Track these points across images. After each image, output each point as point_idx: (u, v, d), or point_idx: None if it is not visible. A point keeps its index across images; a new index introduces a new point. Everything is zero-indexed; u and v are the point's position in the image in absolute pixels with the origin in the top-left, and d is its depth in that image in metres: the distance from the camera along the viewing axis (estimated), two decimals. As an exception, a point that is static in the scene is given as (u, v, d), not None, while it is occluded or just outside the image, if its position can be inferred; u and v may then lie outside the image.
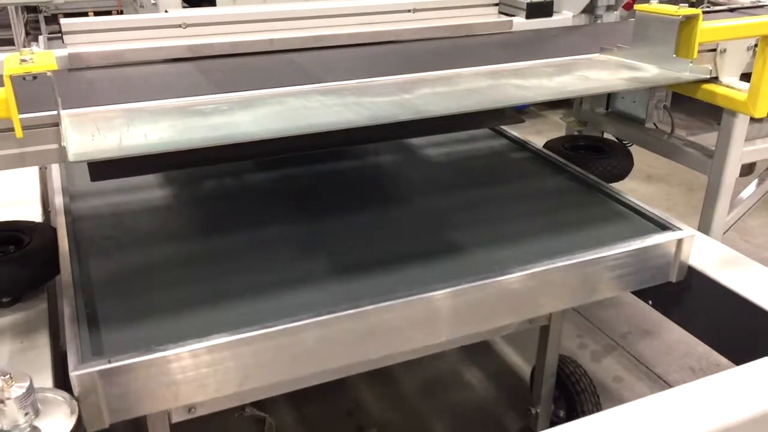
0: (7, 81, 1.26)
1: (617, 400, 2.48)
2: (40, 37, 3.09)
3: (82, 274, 1.70)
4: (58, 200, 2.06)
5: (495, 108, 1.77)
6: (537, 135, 2.71)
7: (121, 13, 8.08)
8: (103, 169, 1.83)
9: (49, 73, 1.28)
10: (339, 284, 1.70)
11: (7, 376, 1.24)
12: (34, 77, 1.28)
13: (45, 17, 8.25)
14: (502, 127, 2.66)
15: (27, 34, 8.06)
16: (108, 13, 8.22)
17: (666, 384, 2.93)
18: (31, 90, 1.33)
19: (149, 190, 2.21)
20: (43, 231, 1.89)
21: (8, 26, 7.13)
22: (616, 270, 1.81)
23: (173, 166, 1.98)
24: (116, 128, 1.43)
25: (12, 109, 1.28)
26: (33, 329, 1.73)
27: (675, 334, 3.11)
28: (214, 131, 1.43)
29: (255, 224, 2.00)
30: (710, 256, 1.95)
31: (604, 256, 1.78)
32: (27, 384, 1.25)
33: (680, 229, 1.90)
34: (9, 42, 7.21)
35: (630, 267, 1.82)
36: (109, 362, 1.31)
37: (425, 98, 1.68)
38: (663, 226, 1.94)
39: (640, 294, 2.04)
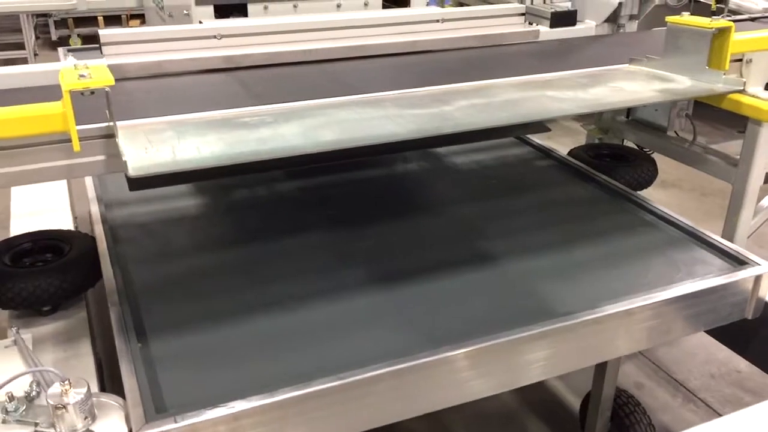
0: (66, 96, 1.28)
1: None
2: (60, 50, 3.10)
3: (126, 283, 1.72)
4: (94, 209, 2.08)
5: (534, 120, 1.78)
6: (547, 140, 2.70)
7: (132, 18, 8.11)
8: (141, 178, 1.84)
9: (107, 89, 1.30)
10: (379, 292, 1.72)
11: (66, 382, 1.27)
12: (92, 92, 1.29)
13: (54, 21, 8.29)
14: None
15: (36, 38, 8.10)
16: (118, 18, 8.26)
17: (687, 391, 2.94)
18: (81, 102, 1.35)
19: (180, 198, 2.23)
20: (82, 240, 1.91)
21: (19, 30, 7.16)
22: (693, 308, 1.72)
23: (209, 175, 2.00)
24: (167, 141, 1.45)
25: (71, 123, 1.30)
26: (75, 337, 1.74)
27: (694, 339, 3.13)
28: (263, 144, 1.44)
29: (287, 232, 2.02)
30: None
31: (682, 295, 1.68)
32: (85, 390, 1.28)
33: (758, 264, 1.81)
34: (20, 46, 7.25)
35: (707, 305, 1.74)
36: (175, 422, 1.25)
37: (464, 110, 1.70)
38: (740, 261, 1.84)
39: (708, 330, 1.93)
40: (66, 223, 2.19)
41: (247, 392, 1.31)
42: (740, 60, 2.37)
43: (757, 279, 1.76)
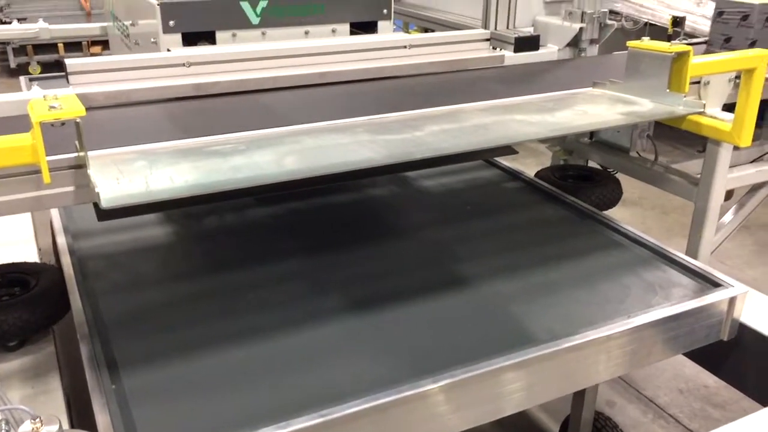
0: (36, 128, 1.26)
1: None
2: (22, 79, 3.06)
3: (96, 316, 1.68)
4: (61, 240, 2.04)
5: (505, 144, 1.81)
6: (513, 161, 2.74)
7: (93, 44, 8.01)
8: (111, 209, 1.81)
9: (78, 119, 1.29)
10: (352, 318, 1.72)
11: (38, 420, 1.23)
12: (62, 123, 1.28)
13: (13, 48, 8.15)
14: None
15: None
16: (78, 44, 8.12)
17: (657, 407, 2.99)
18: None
19: (150, 227, 2.20)
20: (49, 272, 1.87)
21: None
22: (672, 332, 1.72)
23: (180, 203, 1.98)
24: (139, 171, 1.43)
25: (41, 154, 1.27)
26: (43, 373, 1.70)
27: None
28: (237, 173, 1.43)
29: (259, 260, 2.00)
30: (761, 312, 1.87)
31: (661, 319, 1.68)
32: (56, 427, 1.26)
33: (732, 285, 1.83)
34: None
35: (685, 328, 1.74)
36: None
37: (435, 135, 1.72)
38: (713, 282, 1.86)
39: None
40: (30, 255, 2.14)
41: (223, 429, 1.28)
42: (698, 82, 2.46)
43: (732, 300, 1.79)
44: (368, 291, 1.85)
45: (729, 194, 3.07)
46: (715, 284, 1.86)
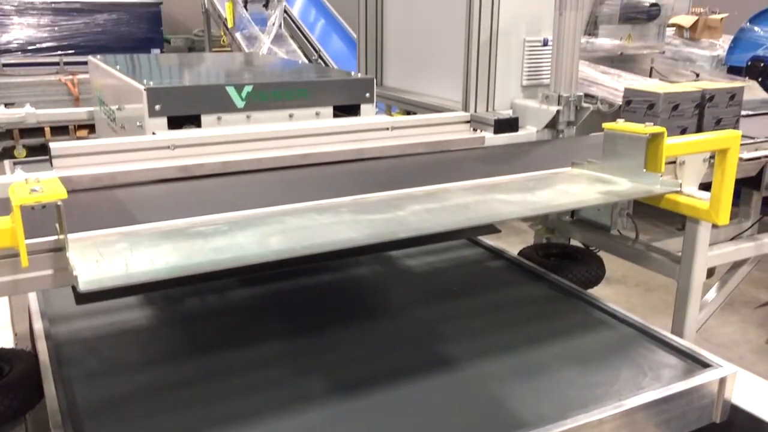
0: (16, 211, 1.25)
1: None
2: (6, 163, 3.08)
3: (69, 403, 1.62)
4: (38, 325, 1.99)
5: (487, 223, 1.82)
6: (496, 240, 2.76)
7: (79, 128, 8.10)
8: (90, 292, 1.79)
9: (59, 202, 1.28)
10: (338, 402, 1.67)
11: None
12: (43, 206, 1.27)
13: (-1, 133, 8.22)
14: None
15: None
16: (65, 128, 8.21)
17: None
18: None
19: (129, 309, 2.16)
20: (24, 358, 1.81)
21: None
22: (664, 414, 1.68)
23: (161, 285, 1.96)
24: (119, 253, 1.41)
25: (20, 238, 1.26)
26: (12, 466, 1.63)
27: None
28: (220, 254, 1.43)
29: (241, 343, 1.96)
30: (752, 393, 1.84)
31: (653, 401, 1.65)
32: None
33: (721, 365, 1.80)
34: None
35: (677, 410, 1.71)
36: None
37: (418, 215, 1.73)
38: (702, 363, 1.84)
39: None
40: (6, 341, 2.09)
41: None
42: (674, 162, 2.52)
43: (722, 381, 1.75)
44: (353, 374, 1.81)
45: (711, 272, 3.10)
46: (704, 364, 1.83)
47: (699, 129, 2.71)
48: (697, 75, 4.72)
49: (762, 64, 5.07)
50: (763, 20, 5.78)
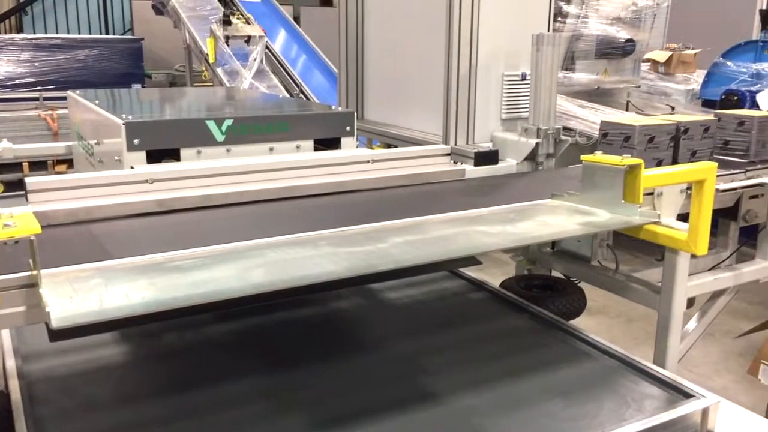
0: (-12, 246, 1.23)
1: None
2: (-17, 199, 3.03)
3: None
4: (10, 363, 1.94)
5: (467, 255, 1.82)
6: (478, 271, 2.76)
7: (58, 163, 8.04)
8: (64, 329, 1.75)
9: (32, 237, 1.26)
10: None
11: None
12: (16, 242, 1.25)
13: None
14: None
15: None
16: (43, 163, 8.15)
17: None
18: None
19: (105, 346, 2.12)
20: (-6, 398, 1.76)
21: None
22: None
23: (137, 321, 1.92)
24: (94, 288, 1.39)
25: (-9, 273, 1.23)
26: None
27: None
28: (197, 288, 1.41)
29: (219, 379, 1.92)
30: (734, 423, 1.84)
31: None
32: None
33: (704, 396, 1.80)
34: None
35: None
36: None
37: (399, 247, 1.72)
38: (685, 393, 1.83)
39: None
40: (-24, 380, 2.03)
41: None
42: (652, 193, 2.54)
43: (704, 411, 1.75)
44: (333, 410, 1.78)
45: (691, 302, 3.12)
46: (687, 395, 1.83)
47: (674, 161, 2.74)
48: (673, 108, 4.81)
49: (735, 98, 5.20)
50: (735, 55, 5.94)
